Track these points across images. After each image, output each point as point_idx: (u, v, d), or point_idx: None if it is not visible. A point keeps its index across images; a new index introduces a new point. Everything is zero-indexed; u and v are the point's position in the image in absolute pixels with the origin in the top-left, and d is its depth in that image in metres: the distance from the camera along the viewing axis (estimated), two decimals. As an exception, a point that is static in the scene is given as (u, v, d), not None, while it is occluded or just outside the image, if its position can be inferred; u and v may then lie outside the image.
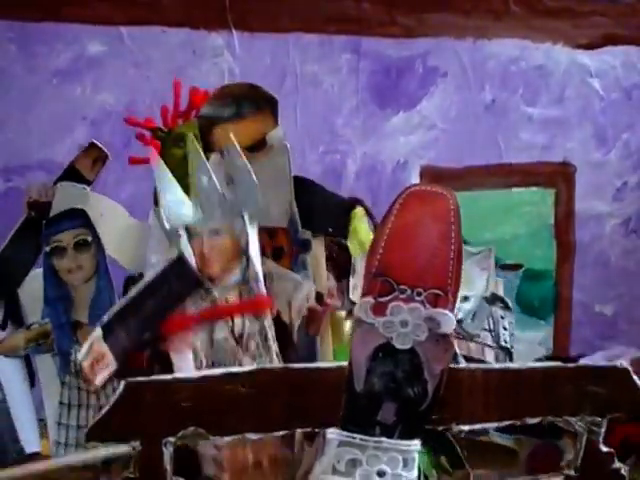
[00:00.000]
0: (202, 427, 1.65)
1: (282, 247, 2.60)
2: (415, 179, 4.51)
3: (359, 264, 2.74)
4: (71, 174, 2.78)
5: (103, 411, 1.64)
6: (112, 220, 2.75)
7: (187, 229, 2.18)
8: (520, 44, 4.59)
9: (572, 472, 1.86)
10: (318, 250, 2.71)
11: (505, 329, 2.81)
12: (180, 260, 2.16)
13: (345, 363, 1.67)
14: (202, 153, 2.16)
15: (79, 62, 3.94)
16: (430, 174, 4.49)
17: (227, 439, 1.82)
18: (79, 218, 2.65)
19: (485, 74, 4.57)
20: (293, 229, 2.63)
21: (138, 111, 3.91)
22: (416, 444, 1.55)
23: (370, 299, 1.57)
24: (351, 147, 4.45)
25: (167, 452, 1.67)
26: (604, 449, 1.83)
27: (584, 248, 4.78)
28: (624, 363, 1.81)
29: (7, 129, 3.86)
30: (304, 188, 2.72)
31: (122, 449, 1.67)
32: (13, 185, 3.81)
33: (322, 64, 4.35)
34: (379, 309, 1.56)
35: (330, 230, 2.82)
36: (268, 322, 2.21)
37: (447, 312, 1.55)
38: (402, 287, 1.54)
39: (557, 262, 4.78)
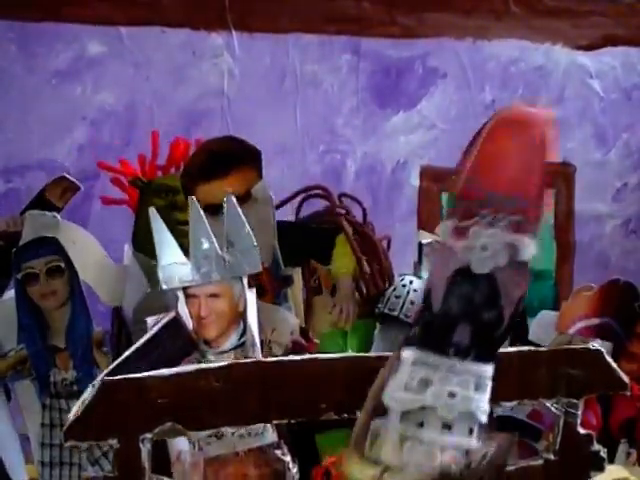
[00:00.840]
0: (178, 423, 1.67)
1: (264, 285, 2.64)
2: (415, 179, 4.52)
3: (341, 284, 2.92)
4: (40, 202, 2.80)
5: (80, 410, 1.64)
6: (85, 248, 2.77)
7: (184, 290, 2.18)
8: (520, 45, 4.60)
9: (551, 456, 1.87)
10: (296, 282, 2.78)
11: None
12: (175, 321, 2.14)
13: (318, 355, 1.70)
14: (204, 217, 2.14)
15: (79, 62, 3.96)
16: (430, 174, 4.50)
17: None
18: (50, 245, 2.66)
19: (485, 74, 4.58)
20: (276, 267, 2.76)
21: (138, 112, 3.98)
22: (489, 369, 1.53)
23: (452, 222, 1.56)
24: (351, 147, 4.46)
25: (145, 449, 1.68)
26: (582, 432, 1.84)
27: (584, 248, 4.78)
28: (596, 345, 1.81)
29: (7, 129, 3.88)
30: (284, 229, 2.79)
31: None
32: (13, 186, 3.84)
33: (322, 64, 4.36)
34: (460, 233, 1.54)
35: (311, 261, 2.92)
36: None
37: (527, 239, 1.52)
38: (484, 212, 1.53)
39: (557, 262, 4.78)
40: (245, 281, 2.21)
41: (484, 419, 1.52)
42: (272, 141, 4.15)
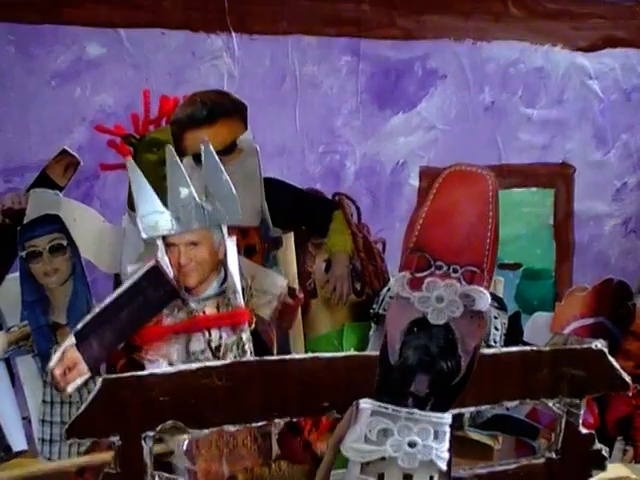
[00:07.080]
0: (180, 421, 1.67)
1: (254, 245, 2.66)
2: (414, 180, 4.53)
3: (336, 262, 2.90)
4: (43, 180, 2.82)
5: (81, 408, 1.65)
6: (86, 224, 2.79)
7: (164, 239, 2.19)
8: (519, 46, 4.61)
9: (553, 455, 1.87)
10: (288, 246, 2.76)
11: (497, 329, 2.81)
12: (156, 270, 2.16)
13: (319, 354, 1.70)
14: (181, 165, 2.16)
15: (78, 64, 3.96)
16: (429, 174, 4.50)
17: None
18: (53, 223, 2.69)
19: (484, 76, 4.59)
20: (264, 228, 2.73)
21: (137, 113, 3.97)
22: (448, 417, 1.55)
23: (407, 274, 1.57)
24: (351, 148, 4.47)
25: (146, 446, 1.69)
26: (583, 431, 1.85)
27: (583, 248, 4.80)
28: (599, 345, 1.82)
29: (7, 130, 3.88)
30: (277, 189, 2.79)
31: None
32: (13, 186, 3.83)
33: (321, 66, 4.37)
34: (415, 284, 1.56)
35: (303, 228, 2.89)
36: (246, 334, 2.23)
37: (483, 289, 1.55)
38: (439, 263, 1.55)
39: (556, 262, 4.81)
40: (225, 229, 2.22)
41: (444, 467, 1.53)
42: (272, 142, 4.15)
